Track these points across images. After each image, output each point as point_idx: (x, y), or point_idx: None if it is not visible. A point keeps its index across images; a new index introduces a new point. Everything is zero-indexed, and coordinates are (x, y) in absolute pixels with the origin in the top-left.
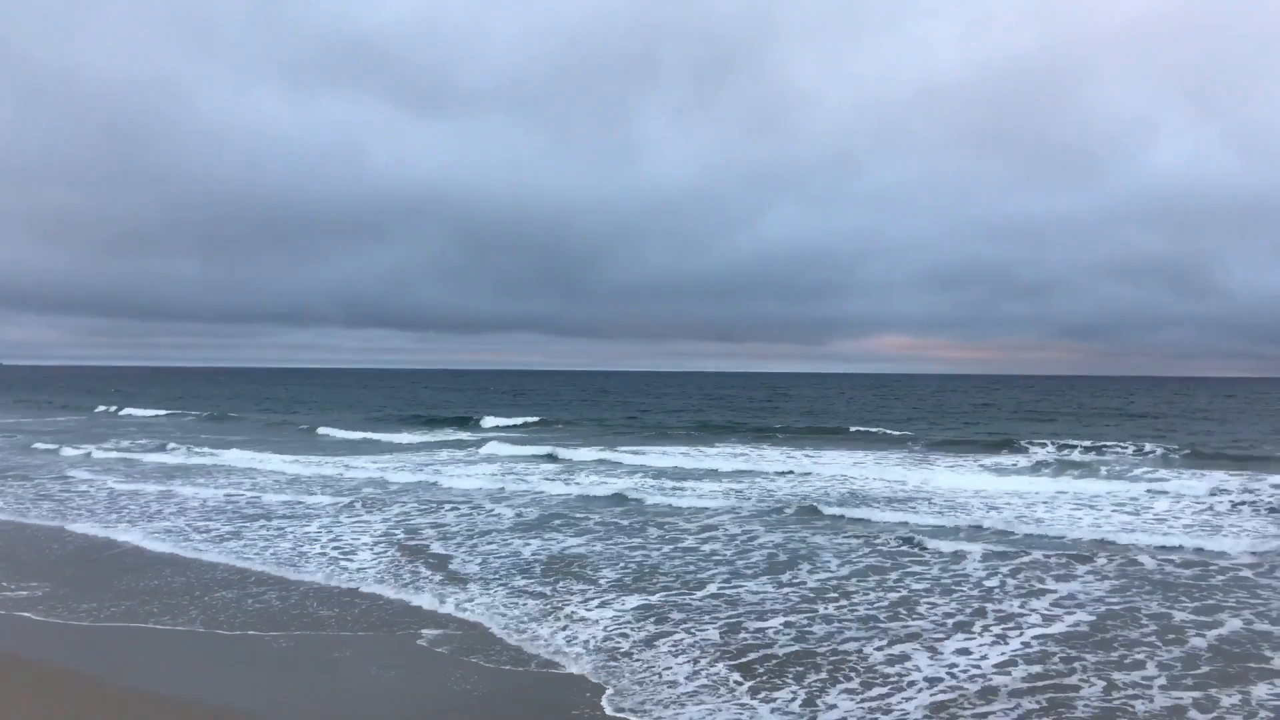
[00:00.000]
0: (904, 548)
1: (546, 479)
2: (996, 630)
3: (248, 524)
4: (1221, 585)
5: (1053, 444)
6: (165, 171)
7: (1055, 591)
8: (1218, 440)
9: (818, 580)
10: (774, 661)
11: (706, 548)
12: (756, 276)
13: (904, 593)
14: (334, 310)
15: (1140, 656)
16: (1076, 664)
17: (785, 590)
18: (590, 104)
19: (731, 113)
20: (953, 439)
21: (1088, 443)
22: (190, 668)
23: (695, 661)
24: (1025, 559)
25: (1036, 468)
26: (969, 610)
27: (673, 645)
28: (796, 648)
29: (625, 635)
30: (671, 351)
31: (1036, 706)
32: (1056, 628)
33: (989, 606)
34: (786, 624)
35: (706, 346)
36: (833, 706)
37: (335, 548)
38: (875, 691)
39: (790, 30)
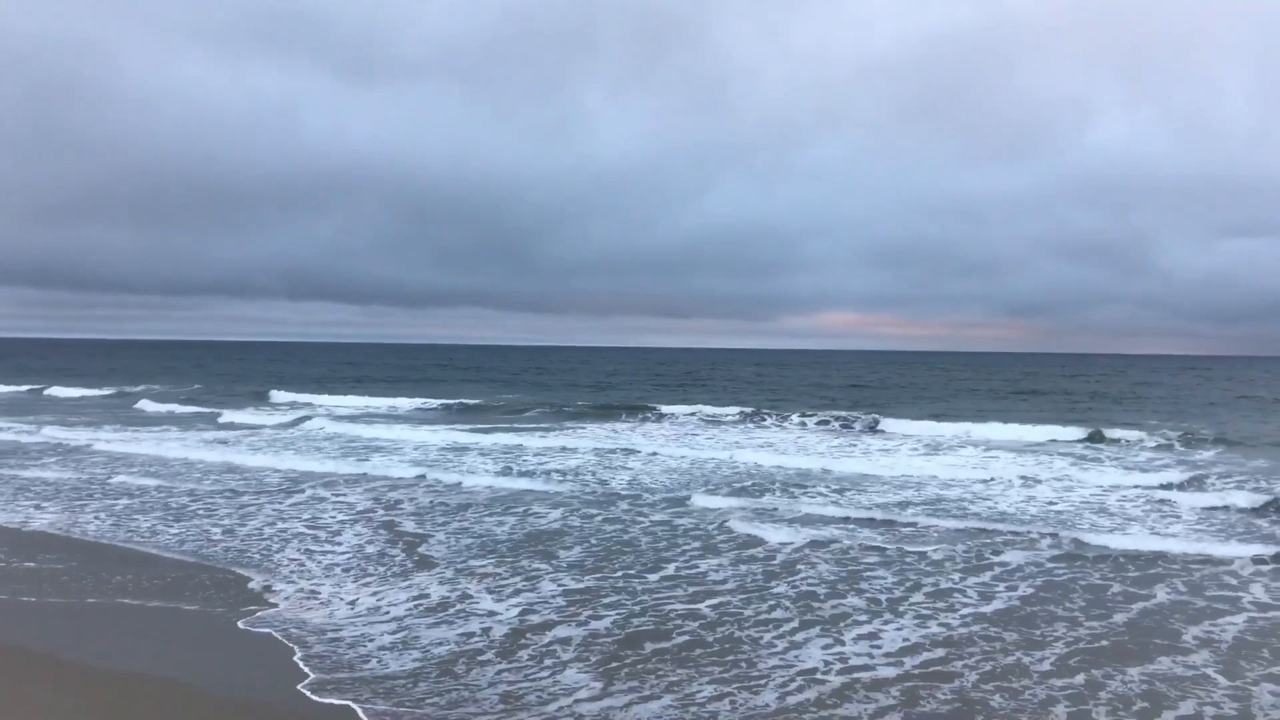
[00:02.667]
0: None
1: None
2: (927, 609)
3: None
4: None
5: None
6: (92, 138)
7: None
8: (1115, 414)
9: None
10: (661, 656)
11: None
12: (703, 252)
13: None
14: (275, 283)
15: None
16: (979, 647)
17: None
18: (527, 75)
19: (671, 86)
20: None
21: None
22: None
23: (556, 668)
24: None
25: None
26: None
27: (542, 645)
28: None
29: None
30: (621, 327)
31: (891, 702)
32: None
33: (926, 581)
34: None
35: (657, 322)
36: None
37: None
38: (722, 689)
39: (726, 3)
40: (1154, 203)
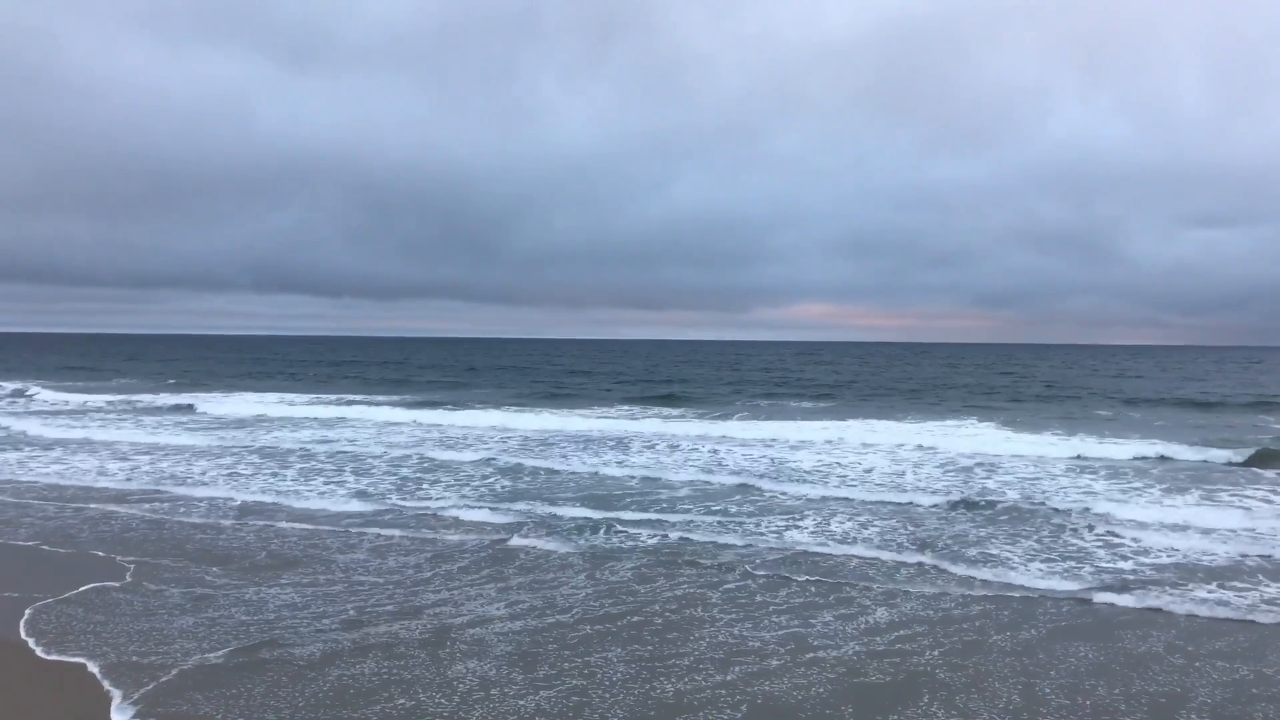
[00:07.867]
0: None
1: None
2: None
3: None
4: None
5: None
6: (35, 126)
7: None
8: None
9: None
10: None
11: None
12: (672, 244)
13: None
14: (239, 275)
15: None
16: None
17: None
18: (477, 63)
19: (625, 73)
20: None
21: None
22: None
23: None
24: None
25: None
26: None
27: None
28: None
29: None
30: (595, 319)
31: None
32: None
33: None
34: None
35: (630, 314)
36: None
37: None
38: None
39: None
40: (1118, 193)
